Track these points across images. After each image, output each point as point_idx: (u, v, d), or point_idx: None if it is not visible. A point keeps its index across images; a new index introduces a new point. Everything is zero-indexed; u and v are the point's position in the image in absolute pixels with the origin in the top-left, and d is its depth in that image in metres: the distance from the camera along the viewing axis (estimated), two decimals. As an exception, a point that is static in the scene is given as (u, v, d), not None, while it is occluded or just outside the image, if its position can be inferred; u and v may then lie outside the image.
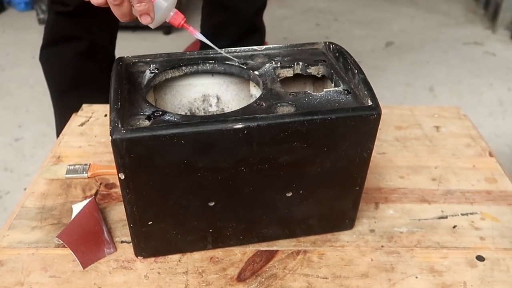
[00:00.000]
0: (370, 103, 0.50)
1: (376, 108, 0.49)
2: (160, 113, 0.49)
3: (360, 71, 0.53)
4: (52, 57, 1.09)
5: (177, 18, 0.56)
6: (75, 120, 0.83)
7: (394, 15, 2.68)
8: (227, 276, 0.54)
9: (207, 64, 0.60)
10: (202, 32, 0.59)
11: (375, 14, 2.69)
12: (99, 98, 0.88)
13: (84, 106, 0.86)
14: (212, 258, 0.56)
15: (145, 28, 2.52)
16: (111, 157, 0.73)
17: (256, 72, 0.57)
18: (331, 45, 0.61)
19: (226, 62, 0.59)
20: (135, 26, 2.48)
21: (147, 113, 0.49)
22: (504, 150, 1.61)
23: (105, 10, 0.56)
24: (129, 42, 2.38)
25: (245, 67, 0.58)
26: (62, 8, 1.02)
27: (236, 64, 0.58)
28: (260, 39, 1.20)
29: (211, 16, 1.15)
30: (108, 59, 1.15)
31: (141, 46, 2.35)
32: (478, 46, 2.33)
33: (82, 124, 0.81)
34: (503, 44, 2.34)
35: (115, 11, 0.54)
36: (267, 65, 0.58)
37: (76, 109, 0.86)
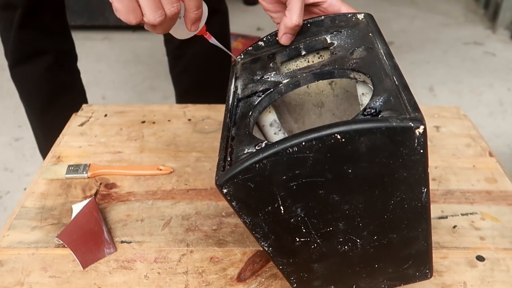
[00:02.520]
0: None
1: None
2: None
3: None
4: (25, 76, 1.08)
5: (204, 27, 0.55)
6: (75, 120, 0.83)
7: (394, 15, 2.68)
8: (227, 276, 0.54)
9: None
10: None
11: (375, 14, 2.68)
12: (78, 105, 0.87)
13: (84, 106, 0.86)
14: (212, 258, 0.56)
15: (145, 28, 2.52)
16: (111, 157, 0.73)
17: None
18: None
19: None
20: (135, 26, 2.48)
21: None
22: (504, 150, 1.61)
23: (60, 11, 0.52)
24: (129, 42, 2.38)
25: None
26: (11, 12, 0.99)
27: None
28: (222, 20, 1.19)
29: None
30: (74, 60, 1.16)
31: (141, 46, 2.35)
32: (478, 46, 2.33)
33: (82, 124, 0.81)
34: (503, 44, 2.34)
35: (166, 24, 0.49)
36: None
37: (59, 122, 0.85)
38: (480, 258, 0.56)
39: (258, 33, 2.38)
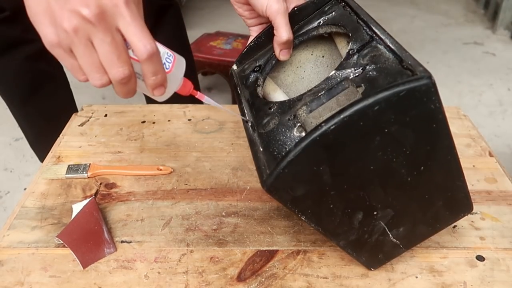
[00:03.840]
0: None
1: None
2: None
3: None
4: (3, 67, 1.06)
5: (187, 86, 0.51)
6: (75, 120, 0.83)
7: (394, 15, 2.68)
8: (227, 276, 0.54)
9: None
10: None
11: (375, 14, 2.69)
12: (61, 95, 0.85)
13: (84, 106, 0.86)
14: (212, 258, 0.56)
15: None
16: (111, 157, 0.74)
17: None
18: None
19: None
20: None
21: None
22: (504, 150, 1.61)
23: None
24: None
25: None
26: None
27: None
28: (177, 13, 1.19)
29: None
30: None
31: (141, 46, 2.35)
32: (478, 46, 2.33)
33: (82, 124, 0.81)
34: (503, 44, 2.35)
35: (121, 89, 0.45)
36: None
37: (45, 112, 0.83)
38: (480, 258, 0.56)
39: (258, 33, 2.38)
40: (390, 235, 0.51)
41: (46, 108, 0.85)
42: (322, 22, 0.58)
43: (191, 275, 0.54)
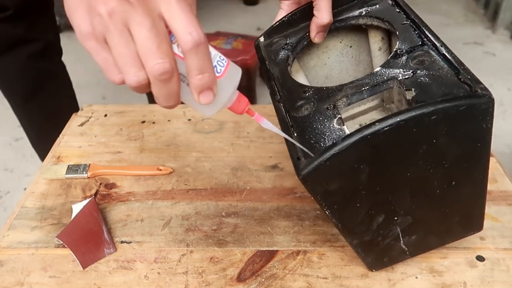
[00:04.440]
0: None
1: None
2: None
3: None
4: (5, 66, 1.06)
5: (241, 101, 0.42)
6: (75, 120, 0.83)
7: (394, 15, 2.67)
8: (227, 276, 0.54)
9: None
10: None
11: (375, 14, 2.69)
12: (63, 94, 0.84)
13: (84, 106, 0.86)
14: (212, 258, 0.56)
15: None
16: (111, 157, 0.73)
17: None
18: None
19: None
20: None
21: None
22: (504, 150, 1.61)
23: (49, 7, 0.44)
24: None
25: None
26: (2, 14, 0.98)
27: None
28: None
29: None
30: (59, 54, 1.15)
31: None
32: (478, 46, 2.33)
33: (82, 124, 0.81)
34: (503, 44, 2.35)
35: (160, 90, 0.37)
36: None
37: (46, 111, 0.83)
38: (480, 258, 0.56)
39: (258, 33, 2.38)
40: (402, 241, 0.51)
41: (48, 107, 0.84)
42: (364, 12, 0.57)
43: (191, 275, 0.54)
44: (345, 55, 0.63)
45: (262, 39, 0.60)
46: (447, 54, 0.46)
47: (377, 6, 0.56)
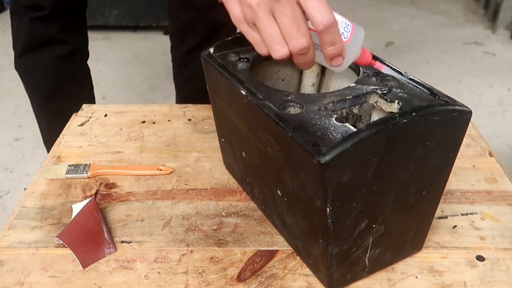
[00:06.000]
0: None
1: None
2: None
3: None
4: (33, 63, 1.08)
5: (365, 55, 0.51)
6: (75, 120, 0.83)
7: (394, 15, 2.68)
8: (227, 276, 0.54)
9: None
10: (173, 31, 0.56)
11: (375, 14, 2.70)
12: (83, 98, 0.87)
13: (84, 106, 0.86)
14: (212, 258, 0.56)
15: (145, 28, 2.52)
16: (111, 157, 0.73)
17: None
18: None
19: None
20: (135, 26, 2.49)
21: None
22: (504, 150, 1.61)
23: (82, 10, 0.49)
24: (129, 42, 2.39)
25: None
26: (38, 13, 1.00)
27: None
28: (228, 33, 1.21)
29: (178, 15, 1.15)
30: (85, 57, 1.16)
31: (141, 46, 2.35)
32: (478, 46, 2.33)
33: (82, 124, 0.81)
34: (503, 44, 2.35)
35: (299, 60, 0.48)
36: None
37: (64, 112, 0.85)
38: (480, 258, 0.56)
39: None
40: (368, 255, 0.51)
41: (66, 108, 0.86)
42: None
43: (191, 275, 0.54)
44: (279, 87, 0.63)
45: (212, 50, 0.60)
46: (414, 78, 0.50)
47: None
